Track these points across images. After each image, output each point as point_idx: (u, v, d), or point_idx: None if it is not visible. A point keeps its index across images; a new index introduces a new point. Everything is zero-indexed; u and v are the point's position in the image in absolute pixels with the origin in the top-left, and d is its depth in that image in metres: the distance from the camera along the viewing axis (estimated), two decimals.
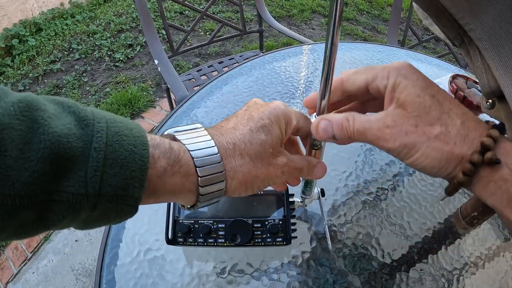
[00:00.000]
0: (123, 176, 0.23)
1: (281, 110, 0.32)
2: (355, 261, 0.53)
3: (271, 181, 0.32)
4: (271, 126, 0.31)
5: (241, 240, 0.45)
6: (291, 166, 0.33)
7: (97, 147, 0.22)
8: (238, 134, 0.30)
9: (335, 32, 0.28)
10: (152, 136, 0.27)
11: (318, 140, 0.36)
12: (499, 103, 0.30)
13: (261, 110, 0.32)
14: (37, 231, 0.22)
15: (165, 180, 0.26)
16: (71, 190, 0.21)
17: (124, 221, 0.26)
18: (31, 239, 1.46)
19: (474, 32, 0.27)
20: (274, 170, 0.31)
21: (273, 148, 0.31)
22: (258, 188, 0.31)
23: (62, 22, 2.75)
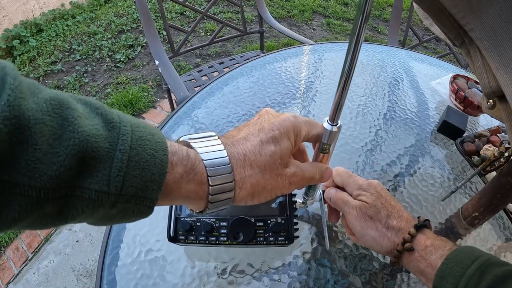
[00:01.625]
0: (143, 178, 0.24)
1: (291, 121, 0.33)
2: (356, 262, 0.53)
3: (278, 191, 0.33)
4: (280, 137, 0.32)
5: (243, 239, 0.45)
6: (299, 176, 0.34)
7: (122, 149, 0.23)
8: (249, 145, 0.31)
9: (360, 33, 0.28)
10: (171, 142, 0.28)
11: (327, 144, 0.36)
12: (499, 103, 0.30)
13: (272, 121, 0.33)
14: (55, 223, 0.23)
15: (180, 186, 0.28)
16: (94, 187, 0.22)
17: (137, 220, 0.27)
18: (32, 239, 1.46)
19: (474, 32, 0.27)
20: (281, 181, 0.32)
21: (282, 159, 0.32)
22: (265, 198, 0.33)
23: (63, 23, 2.76)
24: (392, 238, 0.41)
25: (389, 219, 0.42)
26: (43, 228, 0.23)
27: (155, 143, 0.26)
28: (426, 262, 0.38)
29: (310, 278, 0.50)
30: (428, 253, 0.38)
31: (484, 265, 0.34)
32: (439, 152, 0.73)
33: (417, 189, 0.64)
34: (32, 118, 0.19)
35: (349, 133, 0.74)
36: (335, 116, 0.34)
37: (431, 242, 0.39)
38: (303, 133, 0.35)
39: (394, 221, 0.42)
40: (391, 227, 0.41)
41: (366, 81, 0.91)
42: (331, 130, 0.35)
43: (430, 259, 0.38)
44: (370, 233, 0.42)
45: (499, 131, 0.76)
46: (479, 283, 0.32)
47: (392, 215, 0.42)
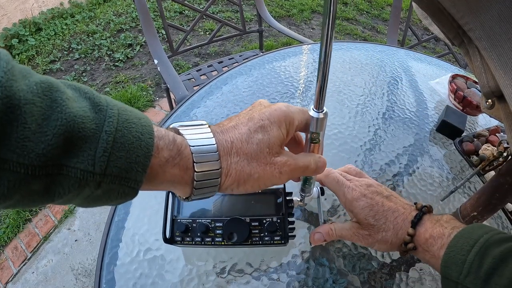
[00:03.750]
0: (128, 159, 0.25)
1: (282, 111, 0.33)
2: (355, 261, 0.53)
3: (267, 181, 0.33)
4: (269, 127, 0.32)
5: (238, 239, 0.45)
6: (292, 166, 0.33)
7: (108, 131, 0.24)
8: (237, 133, 0.32)
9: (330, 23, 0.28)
10: (158, 128, 0.29)
11: (316, 133, 0.36)
12: (498, 103, 0.30)
13: (262, 111, 0.33)
14: (42, 202, 0.23)
15: (165, 170, 0.28)
16: (79, 166, 0.23)
17: (124, 202, 0.27)
18: (31, 239, 1.46)
19: (473, 32, 0.27)
20: (270, 170, 0.32)
21: (270, 148, 0.32)
22: (252, 187, 0.32)
23: (62, 22, 2.75)
24: (394, 241, 0.42)
25: (386, 226, 0.42)
26: (32, 206, 0.24)
27: (141, 127, 0.26)
28: (429, 253, 0.39)
29: (309, 278, 0.50)
30: (429, 245, 0.38)
31: (483, 247, 0.33)
32: (438, 152, 0.73)
33: (416, 189, 0.64)
34: (23, 98, 0.20)
35: (348, 132, 0.74)
36: (319, 102, 0.34)
37: (430, 233, 0.39)
38: (296, 122, 0.34)
39: (391, 225, 0.42)
40: (389, 231, 0.42)
41: (365, 80, 0.91)
42: (317, 117, 0.35)
43: (433, 250, 0.38)
44: (375, 245, 0.43)
45: (498, 131, 0.76)
46: (480, 267, 0.32)
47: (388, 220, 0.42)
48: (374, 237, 0.42)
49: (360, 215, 0.43)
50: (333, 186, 0.47)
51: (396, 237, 0.41)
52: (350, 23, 3.15)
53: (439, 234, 0.38)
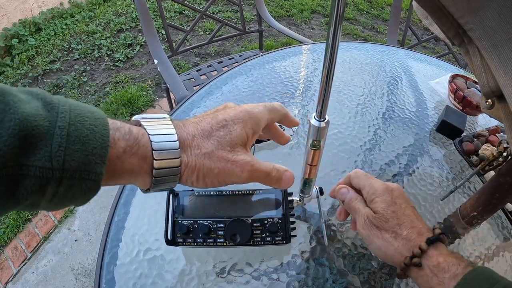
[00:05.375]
0: (84, 152, 0.25)
1: (247, 112, 0.34)
2: (355, 261, 0.53)
3: (227, 177, 0.33)
4: (232, 126, 0.33)
5: (240, 240, 0.45)
6: (254, 167, 0.34)
7: (61, 126, 0.24)
8: (199, 128, 0.32)
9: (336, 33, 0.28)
10: (114, 120, 0.29)
11: (317, 140, 0.36)
12: (498, 102, 0.30)
13: (227, 112, 0.34)
14: (9, 206, 0.24)
15: (123, 160, 0.28)
16: (38, 164, 0.23)
17: (88, 200, 0.27)
18: (31, 238, 1.46)
19: (473, 32, 0.27)
20: (231, 167, 0.32)
21: (231, 146, 0.33)
22: (212, 182, 0.33)
23: (62, 22, 2.75)
24: (399, 249, 0.39)
25: (399, 229, 0.40)
26: (1, 212, 0.24)
27: (95, 119, 0.27)
28: (438, 279, 0.36)
29: (309, 277, 0.50)
30: (441, 270, 0.36)
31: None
32: (437, 152, 0.73)
33: (416, 189, 0.64)
34: None
35: (348, 132, 0.74)
36: (321, 111, 0.34)
37: (444, 258, 0.37)
38: (263, 122, 0.35)
39: (404, 231, 0.39)
40: (400, 236, 0.39)
41: (365, 80, 0.91)
42: (319, 126, 0.35)
43: (443, 277, 0.36)
44: (375, 242, 0.41)
45: (498, 131, 0.76)
46: None
47: (403, 224, 0.40)
48: (381, 233, 0.40)
49: (379, 205, 0.42)
50: (362, 178, 0.46)
51: (404, 246, 0.39)
52: (350, 23, 3.15)
53: (453, 262, 0.36)
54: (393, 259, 0.40)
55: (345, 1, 0.26)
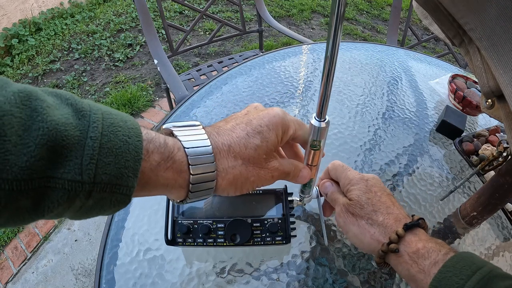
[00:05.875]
0: (117, 165, 0.24)
1: (280, 118, 0.34)
2: (355, 261, 0.53)
3: (260, 183, 0.34)
4: (268, 133, 0.33)
5: (240, 240, 0.45)
6: (280, 170, 0.35)
7: (93, 137, 0.23)
8: (235, 136, 0.31)
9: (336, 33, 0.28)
10: (147, 130, 0.28)
11: (317, 141, 0.36)
12: (498, 102, 0.30)
13: (260, 115, 0.33)
14: (33, 218, 0.22)
15: (158, 174, 0.27)
16: (67, 177, 0.22)
17: (118, 211, 0.26)
18: (31, 238, 1.46)
19: (473, 32, 0.27)
20: (264, 174, 0.33)
21: (267, 154, 0.33)
22: (247, 190, 0.33)
23: (62, 22, 2.75)
24: (375, 236, 0.38)
25: (374, 215, 0.39)
26: (23, 224, 0.23)
27: (128, 129, 0.25)
28: (418, 267, 0.35)
29: (309, 277, 0.50)
30: (420, 257, 0.35)
31: (486, 277, 0.30)
32: (437, 152, 0.73)
33: (416, 189, 0.64)
34: (1, 110, 0.19)
35: (348, 132, 0.74)
36: (322, 111, 0.34)
37: (423, 244, 0.35)
38: (291, 131, 0.35)
39: (380, 217, 0.38)
40: (375, 223, 0.38)
41: (365, 80, 0.91)
42: (319, 126, 0.35)
43: (423, 264, 0.34)
44: (351, 229, 0.40)
45: (498, 131, 0.76)
46: None
47: (379, 210, 0.39)
48: (357, 220, 0.39)
49: (354, 193, 0.41)
50: (339, 170, 0.45)
51: (380, 233, 0.38)
52: (350, 23, 3.15)
53: (433, 249, 0.35)
54: (370, 246, 0.39)
55: (345, 1, 0.26)
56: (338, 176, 0.45)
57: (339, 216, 0.42)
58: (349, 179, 0.43)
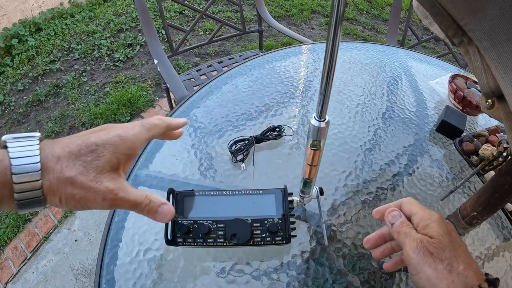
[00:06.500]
0: None
1: (120, 138, 0.33)
2: (355, 261, 0.53)
3: (90, 204, 0.32)
4: (102, 151, 0.32)
5: (240, 240, 0.45)
6: (118, 197, 0.32)
7: None
8: (67, 150, 0.31)
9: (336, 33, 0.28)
10: None
11: (317, 141, 0.36)
12: (498, 102, 0.30)
13: (99, 135, 0.33)
14: None
15: None
16: None
17: None
18: (31, 238, 1.46)
19: (473, 32, 0.27)
20: (93, 195, 0.31)
21: (97, 172, 0.31)
22: (75, 207, 0.31)
23: (62, 22, 2.75)
24: (454, 285, 0.34)
25: (455, 262, 0.35)
26: None
27: None
28: None
29: (309, 277, 0.50)
30: None
31: None
32: (437, 152, 0.73)
33: (416, 189, 0.64)
34: None
35: (348, 132, 0.74)
36: (322, 111, 0.34)
37: None
38: (139, 144, 0.35)
39: (461, 265, 0.35)
40: (455, 270, 0.34)
41: (365, 80, 0.91)
42: (319, 126, 0.35)
43: None
44: (426, 271, 0.35)
45: (498, 131, 0.76)
46: None
47: (460, 257, 0.35)
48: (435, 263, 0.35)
49: (436, 230, 0.37)
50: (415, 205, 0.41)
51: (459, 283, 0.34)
52: (350, 23, 3.15)
53: None
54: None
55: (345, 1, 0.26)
56: (413, 210, 0.41)
57: (413, 253, 0.37)
58: (429, 214, 0.39)
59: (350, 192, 0.62)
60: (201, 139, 0.71)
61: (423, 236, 0.37)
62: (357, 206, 0.60)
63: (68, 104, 2.09)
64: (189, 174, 0.64)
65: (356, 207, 0.60)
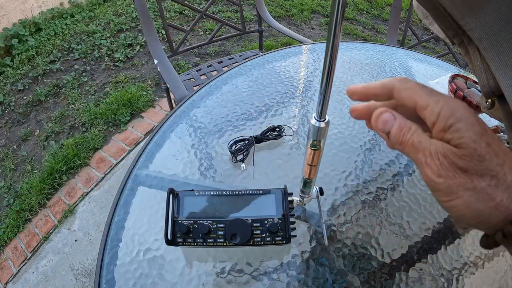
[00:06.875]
0: None
1: None
2: (355, 261, 0.53)
3: None
4: None
5: (240, 240, 0.45)
6: None
7: None
8: None
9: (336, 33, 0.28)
10: None
11: (317, 141, 0.36)
12: (498, 102, 0.30)
13: None
14: None
15: None
16: None
17: None
18: (31, 238, 1.46)
19: (473, 32, 0.27)
20: None
21: None
22: None
23: (62, 22, 2.75)
24: (504, 204, 0.24)
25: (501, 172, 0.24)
26: None
27: None
28: None
29: (309, 277, 0.50)
30: None
31: None
32: None
33: (416, 189, 0.64)
34: None
35: (348, 132, 0.74)
36: (322, 111, 0.34)
37: None
38: None
39: (509, 176, 0.24)
40: (503, 185, 0.24)
41: (365, 80, 0.91)
42: (319, 126, 0.35)
43: None
44: (462, 196, 0.24)
45: (498, 131, 0.76)
46: None
47: (505, 164, 0.24)
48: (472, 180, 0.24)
49: (465, 134, 0.24)
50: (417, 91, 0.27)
51: None
52: (350, 23, 3.15)
53: None
54: (489, 219, 0.25)
55: (345, 1, 0.26)
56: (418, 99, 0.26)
57: (438, 177, 0.25)
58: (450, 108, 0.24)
59: (350, 192, 0.62)
60: (201, 139, 0.71)
61: (445, 146, 0.25)
62: (357, 206, 0.60)
63: (68, 104, 2.09)
64: (189, 174, 0.64)
65: (356, 207, 0.60)
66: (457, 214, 0.25)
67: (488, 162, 0.24)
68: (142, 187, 0.62)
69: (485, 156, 0.24)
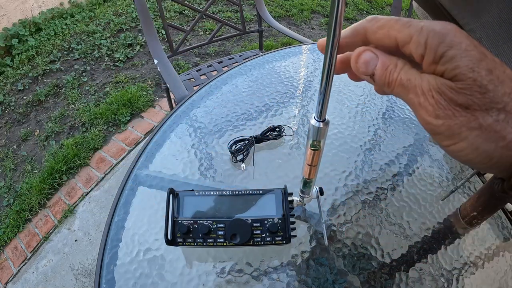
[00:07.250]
0: None
1: None
2: (355, 261, 0.53)
3: None
4: None
5: (240, 240, 0.45)
6: None
7: None
8: None
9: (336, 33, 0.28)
10: None
11: (317, 141, 0.36)
12: None
13: None
14: None
15: None
16: None
17: None
18: (31, 238, 1.46)
19: (473, 32, 0.28)
20: None
21: None
22: None
23: (62, 22, 2.75)
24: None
25: (511, 103, 0.20)
26: None
27: None
28: None
29: (309, 277, 0.50)
30: None
31: None
32: (437, 152, 0.73)
33: (416, 189, 0.64)
34: None
35: (348, 132, 0.74)
36: (321, 112, 0.34)
37: None
38: None
39: None
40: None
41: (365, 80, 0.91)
42: (319, 127, 0.35)
43: None
44: (467, 137, 0.21)
45: None
46: None
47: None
48: (475, 117, 0.20)
49: (461, 62, 0.19)
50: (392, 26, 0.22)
51: None
52: (350, 23, 3.15)
53: None
54: (501, 160, 0.21)
55: (345, 1, 0.26)
56: (397, 34, 0.22)
57: (435, 118, 0.21)
58: (439, 35, 0.20)
59: (350, 192, 0.62)
60: (201, 139, 0.71)
61: (439, 80, 0.21)
62: (357, 206, 0.60)
63: (68, 104, 2.09)
64: (189, 174, 0.64)
65: (356, 207, 0.60)
66: (464, 159, 0.22)
67: (492, 93, 0.19)
68: (142, 187, 0.62)
69: (487, 86, 0.19)
